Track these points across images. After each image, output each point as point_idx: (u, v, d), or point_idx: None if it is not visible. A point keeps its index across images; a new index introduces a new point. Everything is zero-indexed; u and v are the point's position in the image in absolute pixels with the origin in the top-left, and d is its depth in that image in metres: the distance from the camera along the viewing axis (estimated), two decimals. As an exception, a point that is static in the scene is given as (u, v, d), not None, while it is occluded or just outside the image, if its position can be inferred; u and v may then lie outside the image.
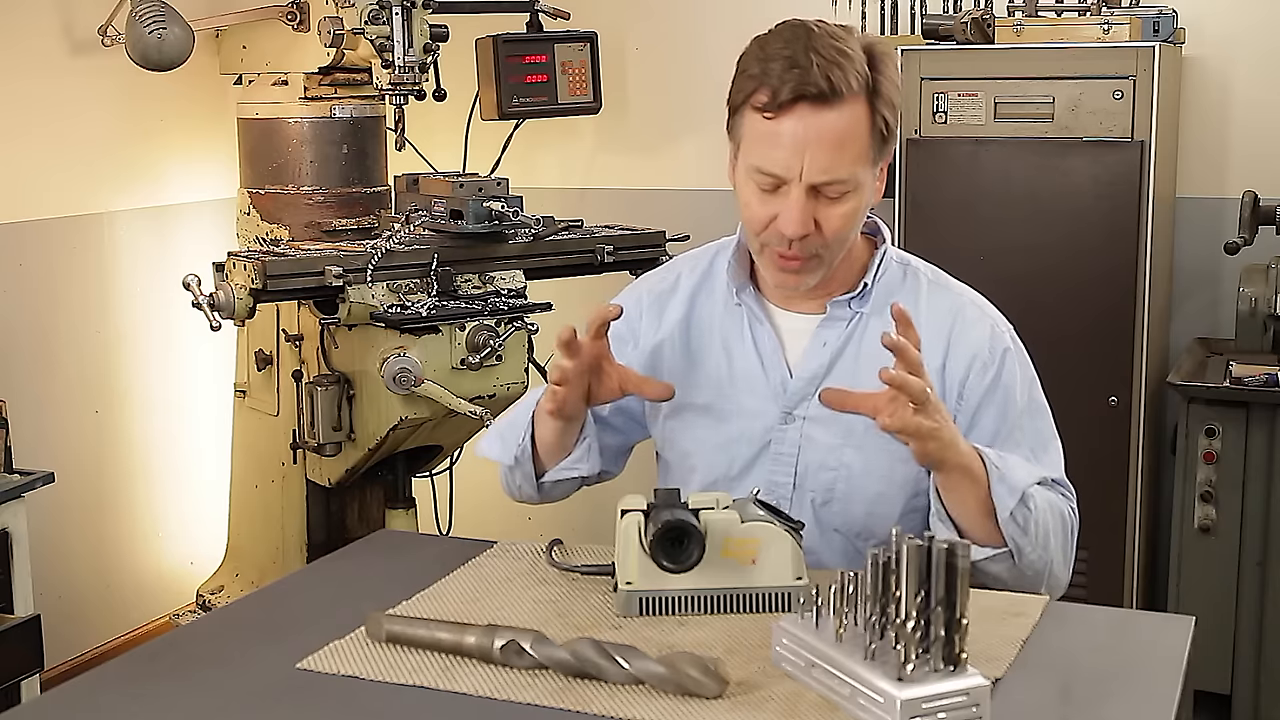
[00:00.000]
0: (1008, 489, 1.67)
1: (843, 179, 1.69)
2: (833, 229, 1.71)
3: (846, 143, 1.68)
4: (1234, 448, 3.06)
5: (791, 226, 1.69)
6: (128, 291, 3.74)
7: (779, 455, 1.80)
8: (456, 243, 3.12)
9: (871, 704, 1.24)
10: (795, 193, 1.68)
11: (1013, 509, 1.66)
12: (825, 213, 1.70)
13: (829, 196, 1.70)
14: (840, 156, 1.68)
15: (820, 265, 1.75)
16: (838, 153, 1.67)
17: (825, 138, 1.67)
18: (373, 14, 3.07)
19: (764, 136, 1.69)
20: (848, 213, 1.72)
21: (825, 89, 1.65)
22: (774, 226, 1.71)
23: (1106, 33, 3.16)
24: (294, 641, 1.48)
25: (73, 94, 3.55)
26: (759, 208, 1.73)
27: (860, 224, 1.77)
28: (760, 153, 1.70)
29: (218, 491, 3.75)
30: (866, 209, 1.77)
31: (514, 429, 1.87)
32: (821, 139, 1.67)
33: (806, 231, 1.70)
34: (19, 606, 2.82)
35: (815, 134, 1.66)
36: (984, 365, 1.79)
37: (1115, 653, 1.45)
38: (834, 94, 1.65)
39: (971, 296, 1.87)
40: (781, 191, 1.70)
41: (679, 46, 3.95)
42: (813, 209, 1.69)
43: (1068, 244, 3.17)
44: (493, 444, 1.90)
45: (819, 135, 1.66)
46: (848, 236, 1.75)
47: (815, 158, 1.67)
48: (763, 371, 1.82)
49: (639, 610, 1.53)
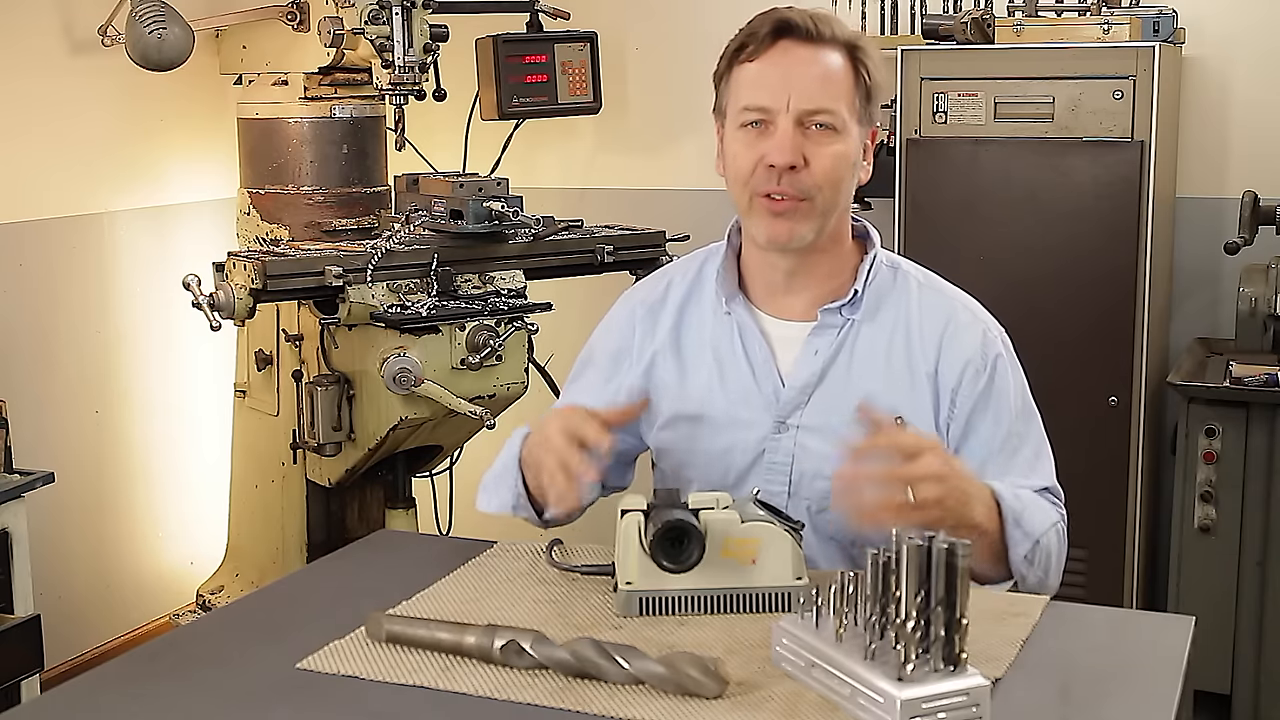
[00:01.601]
0: (1023, 533, 1.67)
1: (829, 109, 1.72)
2: (821, 168, 1.72)
3: (830, 78, 1.73)
4: (1234, 448, 3.05)
5: (778, 155, 1.71)
6: (128, 291, 3.74)
7: (773, 464, 1.80)
8: (456, 243, 3.12)
9: (871, 704, 1.24)
10: (783, 123, 1.72)
11: (1026, 552, 1.67)
12: (813, 150, 1.72)
13: (816, 133, 1.72)
14: (825, 88, 1.72)
15: (812, 213, 1.74)
16: (825, 84, 1.73)
17: (810, 69, 1.73)
18: (373, 14, 3.07)
19: (750, 79, 1.75)
20: (835, 154, 1.73)
21: (809, 26, 1.73)
22: (762, 165, 1.73)
23: (1106, 33, 3.16)
24: (294, 641, 1.48)
25: (73, 94, 3.55)
26: (746, 152, 1.75)
27: (850, 180, 1.77)
28: (747, 94, 1.75)
29: (218, 491, 3.75)
30: (853, 168, 1.77)
31: (504, 478, 1.83)
32: (806, 69, 1.72)
33: (794, 161, 1.71)
34: (19, 606, 2.82)
35: (800, 64, 1.73)
36: (976, 372, 1.79)
37: (1115, 653, 1.45)
38: (817, 34, 1.73)
39: (963, 300, 1.86)
40: (769, 131, 1.72)
41: (679, 46, 3.95)
42: (801, 144, 1.72)
43: (1068, 244, 3.17)
44: (489, 498, 1.86)
45: (804, 65, 1.73)
46: (837, 184, 1.75)
47: (801, 87, 1.72)
48: (754, 381, 1.82)
49: (639, 610, 1.53)
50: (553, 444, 1.62)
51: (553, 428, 1.64)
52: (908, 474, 1.52)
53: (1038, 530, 1.68)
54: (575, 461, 1.59)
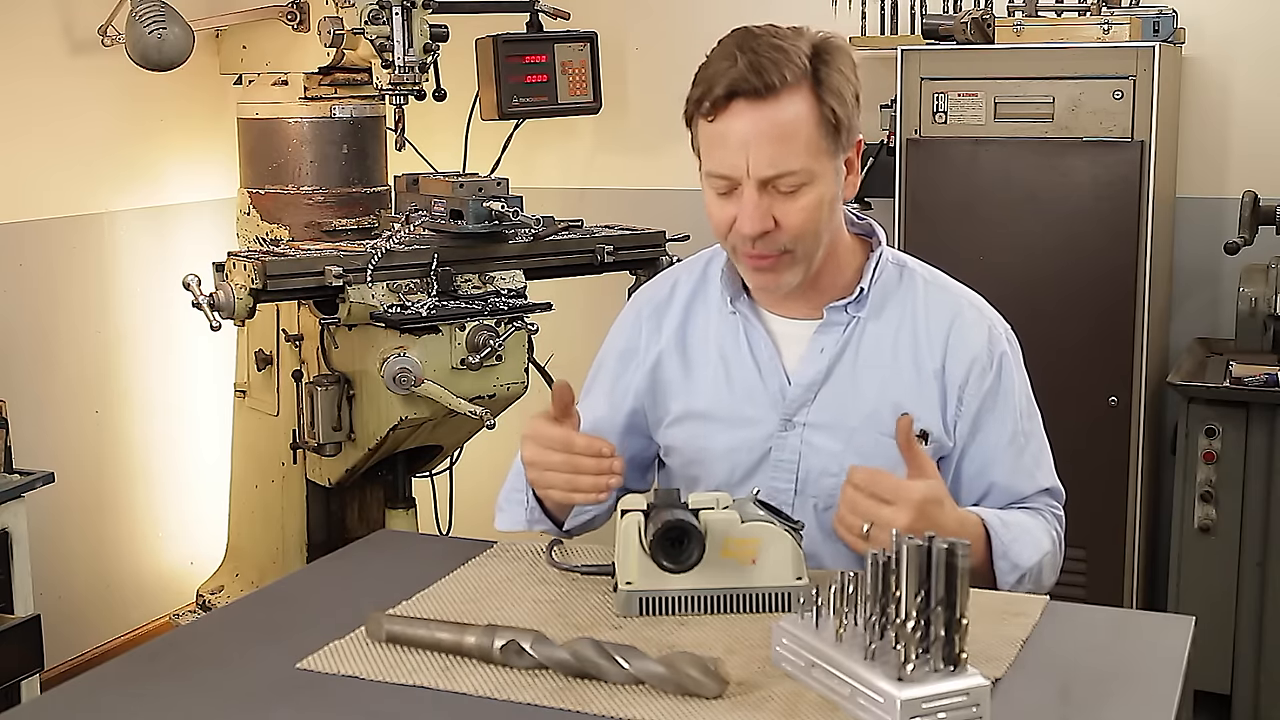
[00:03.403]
0: (1011, 565, 1.69)
1: (792, 170, 1.67)
2: (794, 224, 1.69)
3: (790, 135, 1.67)
4: (1234, 448, 3.05)
5: (746, 224, 1.69)
6: (128, 291, 3.74)
7: (780, 462, 1.80)
8: (456, 243, 3.12)
9: (871, 704, 1.24)
10: (747, 191, 1.68)
11: (1012, 584, 1.69)
12: (783, 208, 1.69)
13: (783, 191, 1.69)
14: (785, 148, 1.67)
15: (795, 262, 1.73)
16: (782, 145, 1.67)
17: (766, 132, 1.66)
18: (373, 14, 3.07)
19: (711, 140, 1.70)
20: (807, 206, 1.70)
21: (758, 84, 1.65)
22: (735, 228, 1.71)
23: (1106, 33, 3.16)
24: (294, 641, 1.48)
25: (73, 94, 3.55)
26: (719, 212, 1.73)
27: (830, 218, 1.74)
28: (710, 157, 1.71)
29: (218, 491, 3.75)
30: (832, 204, 1.74)
31: (514, 496, 1.84)
32: (762, 133, 1.66)
33: (764, 229, 1.69)
34: (19, 606, 2.82)
35: (755, 129, 1.66)
36: (983, 369, 1.79)
37: (1115, 653, 1.45)
38: (768, 88, 1.65)
39: (969, 297, 1.86)
40: (737, 193, 1.70)
41: (679, 46, 3.94)
42: (769, 206, 1.69)
43: (1068, 244, 3.17)
44: (504, 517, 1.87)
45: (759, 130, 1.66)
46: (816, 231, 1.72)
47: (759, 152, 1.66)
48: (760, 379, 1.82)
49: (639, 610, 1.53)
50: (548, 463, 1.65)
51: (528, 454, 1.67)
52: (869, 514, 1.55)
53: (1026, 563, 1.70)
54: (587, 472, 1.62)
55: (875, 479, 1.57)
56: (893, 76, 3.28)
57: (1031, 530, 1.75)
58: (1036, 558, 1.71)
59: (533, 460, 1.67)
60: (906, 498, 1.56)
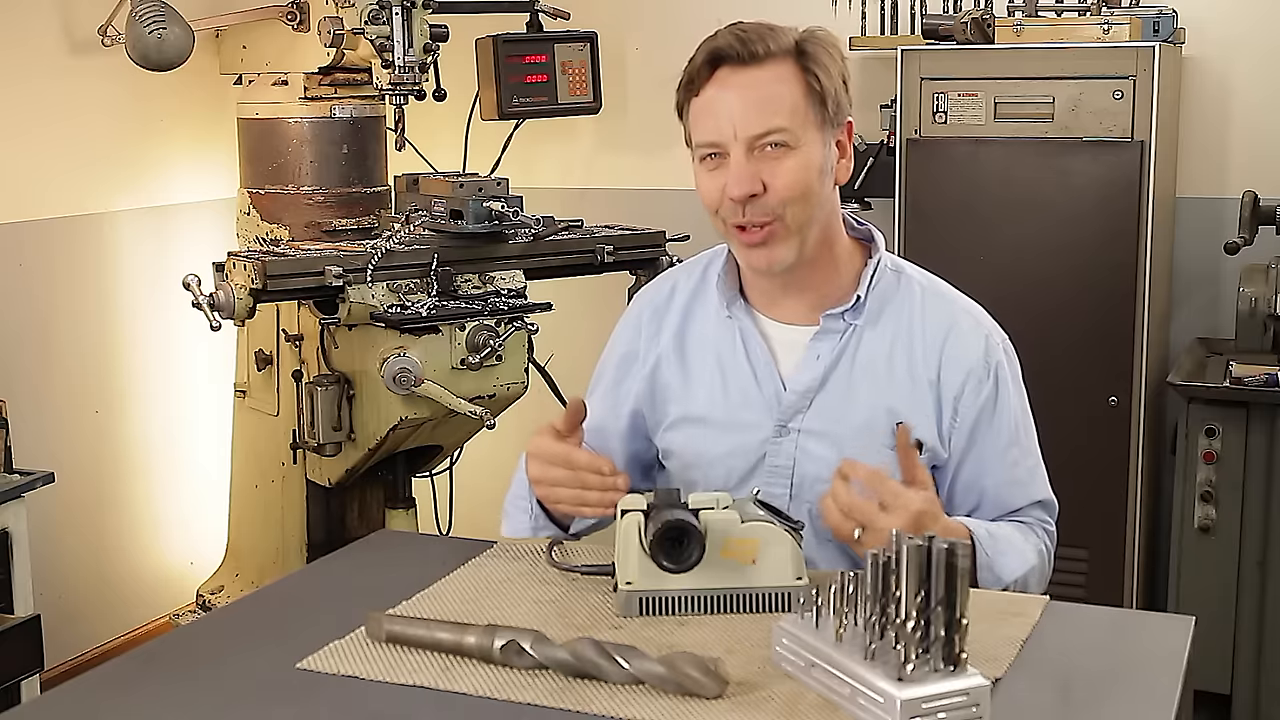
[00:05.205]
0: (995, 577, 1.70)
1: (778, 127, 1.69)
2: (781, 185, 1.70)
3: (774, 97, 1.70)
4: (1234, 448, 3.05)
5: (734, 187, 1.70)
6: (128, 291, 3.74)
7: (775, 468, 1.80)
8: (456, 243, 3.12)
9: (871, 704, 1.24)
10: (735, 153, 1.70)
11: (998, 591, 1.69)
12: (770, 170, 1.70)
13: (770, 154, 1.70)
14: (769, 108, 1.70)
15: (788, 234, 1.73)
16: (767, 105, 1.70)
17: (750, 93, 1.70)
18: (373, 14, 3.07)
19: (698, 112, 1.73)
20: (794, 168, 1.70)
21: (742, 51, 1.70)
22: (725, 198, 1.72)
23: (1106, 33, 3.16)
24: (294, 641, 1.48)
25: (73, 94, 3.55)
26: (710, 185, 1.74)
27: (820, 189, 1.74)
28: (698, 129, 1.74)
29: (218, 491, 3.75)
30: (821, 174, 1.73)
31: (520, 502, 1.86)
32: (746, 95, 1.70)
33: (752, 190, 1.70)
34: (19, 606, 2.82)
35: (739, 91, 1.70)
36: (979, 381, 1.78)
37: (1115, 653, 1.45)
38: (752, 56, 1.70)
39: (966, 305, 1.85)
40: (725, 163, 1.72)
41: (679, 46, 3.92)
42: (756, 169, 1.70)
43: (1068, 244, 3.17)
44: (509, 524, 1.89)
45: (743, 92, 1.70)
46: (805, 196, 1.72)
47: (745, 114, 1.70)
48: (756, 384, 1.82)
49: (639, 610, 1.53)
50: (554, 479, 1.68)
51: (533, 471, 1.70)
52: (866, 517, 1.56)
53: (1009, 577, 1.71)
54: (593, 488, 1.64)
55: (877, 481, 1.57)
56: (893, 76, 3.28)
57: (1018, 545, 1.75)
58: (1021, 572, 1.72)
59: (538, 478, 1.70)
60: (905, 506, 1.57)
